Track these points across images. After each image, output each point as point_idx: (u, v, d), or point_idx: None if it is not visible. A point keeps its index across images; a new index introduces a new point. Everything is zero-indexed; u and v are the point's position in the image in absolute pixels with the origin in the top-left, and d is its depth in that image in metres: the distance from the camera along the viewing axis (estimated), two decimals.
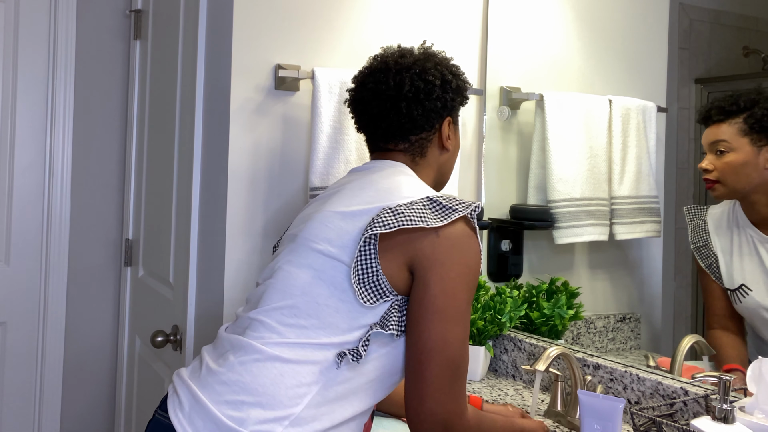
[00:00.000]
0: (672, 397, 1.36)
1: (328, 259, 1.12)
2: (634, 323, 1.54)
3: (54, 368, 2.41)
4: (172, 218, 1.97)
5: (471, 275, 1.11)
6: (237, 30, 1.62)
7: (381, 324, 1.09)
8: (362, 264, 1.09)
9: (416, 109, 1.26)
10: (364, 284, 1.09)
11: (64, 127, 2.42)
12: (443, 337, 1.07)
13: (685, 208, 1.44)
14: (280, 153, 1.67)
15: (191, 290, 1.79)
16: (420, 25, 1.84)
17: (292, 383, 1.06)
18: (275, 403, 1.05)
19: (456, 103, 1.32)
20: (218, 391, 1.08)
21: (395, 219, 1.09)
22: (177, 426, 1.07)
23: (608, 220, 1.63)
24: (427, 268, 1.09)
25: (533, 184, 1.80)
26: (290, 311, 1.11)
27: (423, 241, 1.09)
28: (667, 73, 1.49)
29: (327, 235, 1.14)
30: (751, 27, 1.34)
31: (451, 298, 1.08)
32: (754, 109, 1.32)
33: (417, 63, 1.29)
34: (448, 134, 1.31)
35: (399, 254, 1.10)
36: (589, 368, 1.54)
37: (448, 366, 1.07)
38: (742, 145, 1.33)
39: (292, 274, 1.15)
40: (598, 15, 1.67)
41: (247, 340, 1.11)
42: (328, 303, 1.10)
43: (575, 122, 1.70)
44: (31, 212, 2.38)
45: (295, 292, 1.12)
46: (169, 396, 1.13)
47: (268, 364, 1.07)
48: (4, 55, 2.33)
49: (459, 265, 1.10)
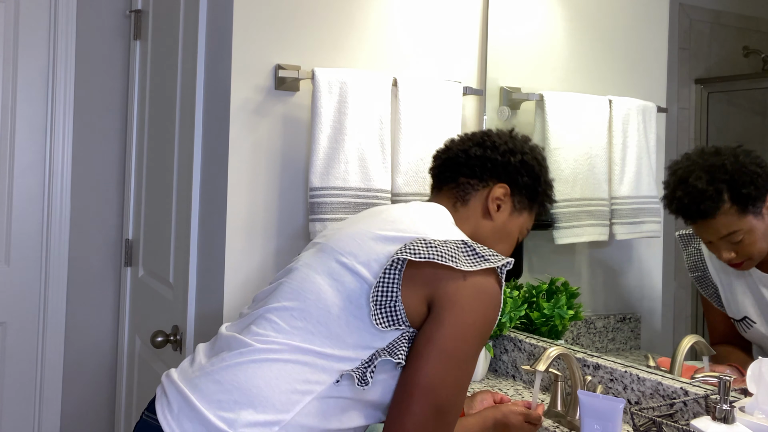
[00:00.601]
0: (672, 397, 1.36)
1: (350, 273, 1.10)
2: (634, 323, 1.54)
3: (54, 368, 2.41)
4: (172, 218, 1.97)
5: (486, 328, 1.09)
6: (237, 30, 1.62)
7: (389, 351, 1.06)
8: (384, 286, 1.07)
9: (477, 150, 1.30)
10: (381, 307, 1.07)
11: (64, 127, 2.42)
12: (442, 378, 1.04)
13: (677, 234, 1.43)
14: (280, 153, 1.67)
15: (191, 290, 1.79)
16: (420, 25, 1.84)
17: (287, 388, 1.04)
18: (268, 406, 1.03)
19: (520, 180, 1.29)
20: (210, 390, 1.06)
21: (427, 251, 1.07)
22: (165, 427, 1.05)
23: (608, 220, 1.63)
24: (446, 307, 1.07)
25: None
26: (300, 313, 1.10)
27: (448, 281, 1.08)
28: (667, 73, 1.49)
29: (355, 250, 1.13)
30: (751, 27, 1.34)
31: (461, 343, 1.06)
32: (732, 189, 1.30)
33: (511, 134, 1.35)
34: (497, 201, 1.28)
35: (421, 287, 1.08)
36: (589, 368, 1.54)
37: (438, 408, 1.04)
38: (748, 223, 1.30)
39: (309, 277, 1.13)
40: (598, 15, 1.67)
41: (246, 339, 1.10)
42: (340, 315, 1.08)
43: (575, 122, 1.70)
44: (31, 212, 2.38)
45: (309, 296, 1.11)
46: (157, 397, 1.12)
47: (265, 366, 1.06)
48: (4, 55, 2.33)
49: (477, 314, 1.07)
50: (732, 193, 1.30)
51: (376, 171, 1.64)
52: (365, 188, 1.62)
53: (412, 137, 1.69)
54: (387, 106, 1.67)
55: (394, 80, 1.70)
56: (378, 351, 1.07)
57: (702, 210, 1.34)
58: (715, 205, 1.32)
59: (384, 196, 1.64)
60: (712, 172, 1.33)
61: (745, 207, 1.30)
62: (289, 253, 1.68)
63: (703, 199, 1.33)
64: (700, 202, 1.33)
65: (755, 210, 1.29)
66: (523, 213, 1.32)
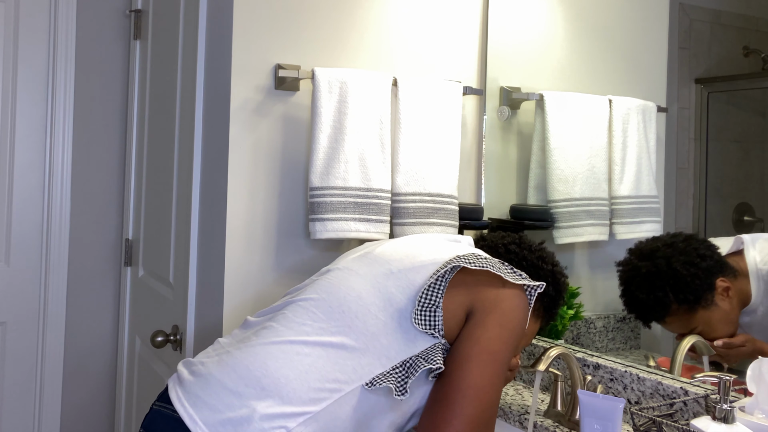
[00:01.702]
0: (672, 397, 1.36)
1: (393, 275, 1.13)
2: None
3: (54, 368, 2.41)
4: (172, 218, 1.97)
5: (519, 334, 1.13)
6: (237, 30, 1.62)
7: (425, 358, 1.07)
8: (430, 289, 1.10)
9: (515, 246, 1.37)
10: (423, 308, 1.09)
11: (64, 127, 2.42)
12: (491, 379, 1.07)
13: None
14: (280, 153, 1.67)
15: (191, 290, 1.79)
16: (420, 24, 1.84)
17: (316, 386, 1.03)
18: (294, 398, 1.02)
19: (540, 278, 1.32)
20: (234, 375, 1.04)
21: (479, 261, 1.12)
22: (183, 414, 1.02)
23: (608, 220, 1.63)
24: (488, 311, 1.10)
25: (533, 184, 1.80)
26: (339, 306, 1.10)
27: (490, 288, 1.12)
28: (667, 73, 1.49)
29: (401, 257, 1.16)
30: (751, 27, 1.34)
31: (504, 345, 1.09)
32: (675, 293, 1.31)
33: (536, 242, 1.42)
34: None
35: (463, 294, 1.12)
36: (589, 368, 1.54)
37: (487, 409, 1.06)
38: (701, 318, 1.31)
39: (350, 277, 1.14)
40: (598, 15, 1.67)
41: (278, 326, 1.09)
42: (378, 315, 1.09)
43: (575, 122, 1.70)
44: (31, 212, 2.38)
45: (351, 293, 1.12)
46: (170, 386, 1.09)
47: (297, 359, 1.04)
48: (4, 54, 2.33)
49: (517, 320, 1.12)
50: (676, 298, 1.33)
51: (376, 171, 1.64)
52: (365, 188, 1.62)
53: (412, 137, 1.69)
54: (387, 106, 1.67)
55: (394, 80, 1.70)
56: (413, 358, 1.07)
57: (653, 317, 1.38)
58: (663, 312, 1.35)
59: (384, 195, 1.64)
60: (650, 279, 1.36)
61: (693, 306, 1.31)
62: (290, 252, 1.68)
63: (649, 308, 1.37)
64: (648, 311, 1.38)
65: (705, 303, 1.30)
66: (537, 322, 1.35)
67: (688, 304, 1.32)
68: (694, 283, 1.30)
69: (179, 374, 1.10)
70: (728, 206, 1.36)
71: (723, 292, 1.28)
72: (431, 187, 1.70)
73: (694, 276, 1.30)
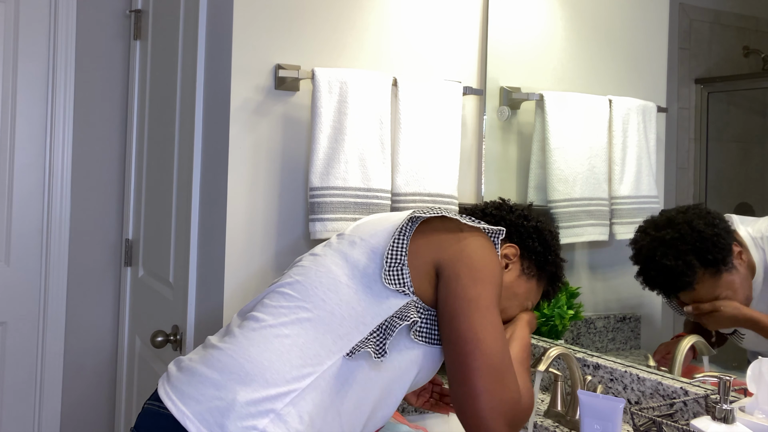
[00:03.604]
0: (672, 397, 1.36)
1: (356, 244, 1.17)
2: (634, 323, 1.54)
3: (54, 368, 2.41)
4: (172, 218, 1.97)
5: (496, 273, 1.14)
6: (237, 30, 1.62)
7: (399, 316, 1.09)
8: (394, 248, 1.13)
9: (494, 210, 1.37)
10: (391, 267, 1.12)
11: (64, 127, 2.42)
12: (483, 325, 1.07)
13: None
14: (280, 153, 1.67)
15: (191, 290, 1.79)
16: (420, 25, 1.84)
17: (298, 362, 1.06)
18: (279, 379, 1.04)
19: (531, 245, 1.32)
20: (220, 364, 1.07)
21: (433, 211, 1.16)
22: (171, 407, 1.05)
23: (608, 220, 1.63)
24: (455, 260, 1.12)
25: (533, 184, 1.80)
26: (311, 283, 1.14)
27: (452, 241, 1.15)
28: (667, 73, 1.49)
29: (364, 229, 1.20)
30: (751, 27, 1.34)
31: (482, 288, 1.10)
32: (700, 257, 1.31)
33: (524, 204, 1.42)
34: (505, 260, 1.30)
35: (426, 248, 1.14)
36: (589, 368, 1.54)
37: (494, 354, 1.06)
38: (725, 282, 1.32)
39: (320, 258, 1.18)
40: (598, 15, 1.67)
41: (258, 314, 1.12)
42: (349, 284, 1.12)
43: (575, 122, 1.70)
44: (31, 212, 2.38)
45: (320, 268, 1.15)
46: (160, 382, 1.12)
47: (276, 341, 1.07)
48: (4, 55, 2.33)
49: (486, 261, 1.13)
50: (701, 261, 1.33)
51: (376, 171, 1.64)
52: (365, 188, 1.62)
53: (412, 137, 1.69)
54: (387, 106, 1.66)
55: (394, 80, 1.70)
56: (388, 319, 1.09)
57: (680, 285, 1.37)
58: (691, 278, 1.35)
59: (384, 196, 1.64)
60: (674, 246, 1.35)
61: (718, 268, 1.32)
62: (289, 252, 1.68)
63: (677, 275, 1.36)
64: (676, 279, 1.37)
65: (728, 266, 1.31)
66: (532, 281, 1.34)
67: (714, 267, 1.32)
68: (719, 243, 1.31)
69: (168, 372, 1.14)
70: (728, 206, 1.36)
71: (738, 256, 1.30)
72: (431, 187, 1.70)
73: (717, 236, 1.31)
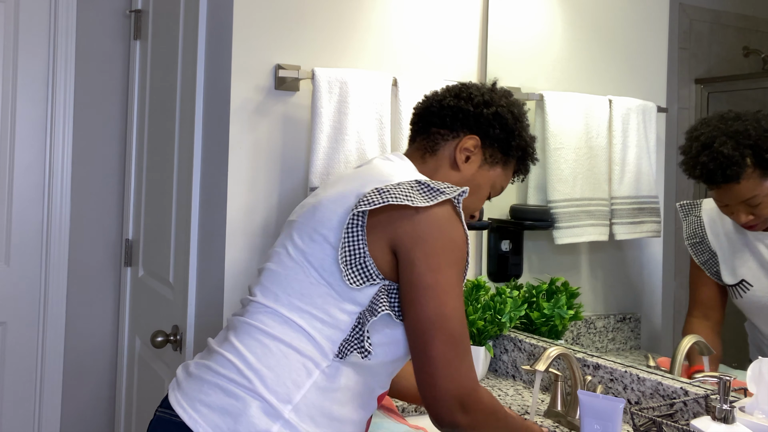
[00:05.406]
0: (672, 397, 1.36)
1: (317, 243, 1.12)
2: (634, 323, 1.54)
3: (54, 368, 2.41)
4: (172, 218, 1.97)
5: (456, 250, 1.09)
6: (237, 30, 1.62)
7: (370, 310, 1.08)
8: (349, 245, 1.09)
9: (450, 100, 1.27)
10: (351, 266, 1.09)
11: (64, 127, 2.42)
12: (439, 312, 1.05)
13: (678, 204, 1.44)
14: (280, 153, 1.67)
15: (191, 290, 1.79)
16: (420, 25, 1.84)
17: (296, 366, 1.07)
18: (279, 383, 1.06)
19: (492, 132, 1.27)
20: (221, 370, 1.08)
21: (380, 197, 1.08)
22: (182, 414, 1.06)
23: (608, 220, 1.63)
24: (410, 246, 1.08)
25: (533, 184, 1.80)
26: (284, 291, 1.12)
27: (404, 221, 1.09)
28: (667, 73, 1.49)
29: (319, 218, 1.14)
30: (751, 27, 1.34)
31: (438, 273, 1.07)
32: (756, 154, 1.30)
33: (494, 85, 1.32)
34: (466, 152, 1.26)
35: (382, 235, 1.09)
36: (589, 368, 1.54)
37: (452, 341, 1.05)
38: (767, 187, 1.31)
39: (284, 258, 1.16)
40: (598, 15, 1.67)
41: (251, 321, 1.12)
42: (320, 288, 1.10)
43: (575, 122, 1.70)
44: (31, 212, 2.38)
45: (290, 274, 1.13)
46: (170, 389, 1.13)
47: (273, 345, 1.08)
48: (4, 55, 2.33)
49: (442, 240, 1.08)
50: (756, 159, 1.31)
51: None
52: None
53: None
54: (387, 106, 1.66)
55: (394, 80, 1.70)
56: (360, 314, 1.09)
57: (727, 175, 1.34)
58: (740, 170, 1.32)
59: None
60: (736, 137, 1.33)
61: (765, 172, 1.30)
62: None
63: (729, 164, 1.33)
64: (726, 168, 1.33)
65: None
66: (496, 168, 1.29)
67: (764, 169, 1.31)
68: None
69: (177, 378, 1.15)
70: None
71: None
72: None
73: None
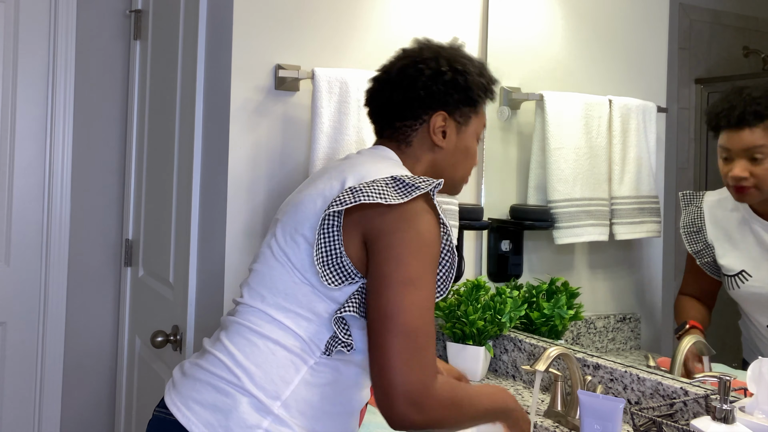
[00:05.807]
0: (672, 397, 1.36)
1: (298, 243, 1.13)
2: (634, 323, 1.54)
3: (54, 368, 2.41)
4: (172, 218, 1.97)
5: (423, 243, 1.07)
6: (237, 30, 1.62)
7: (346, 307, 1.09)
8: (325, 245, 1.09)
9: (397, 94, 1.25)
10: (328, 266, 1.08)
11: (64, 127, 2.42)
12: (396, 303, 1.03)
13: (681, 193, 1.44)
14: (280, 153, 1.67)
15: (191, 290, 1.79)
16: (420, 25, 1.84)
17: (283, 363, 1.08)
18: (267, 381, 1.07)
19: (451, 99, 1.25)
20: (213, 369, 1.11)
21: (353, 196, 1.07)
22: (177, 414, 1.09)
23: (608, 220, 1.63)
24: (375, 239, 1.07)
25: (533, 184, 1.80)
26: (269, 291, 1.13)
27: (376, 218, 1.08)
28: (667, 73, 1.49)
29: (300, 218, 1.14)
30: (751, 27, 1.34)
31: (400, 264, 1.05)
32: None
33: (421, 51, 1.27)
34: (440, 130, 1.24)
35: (356, 233, 1.09)
36: (589, 368, 1.54)
37: (406, 333, 1.02)
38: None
39: (269, 258, 1.16)
40: (598, 15, 1.67)
41: (240, 321, 1.14)
42: (302, 285, 1.11)
43: (575, 122, 1.70)
44: (31, 212, 2.38)
45: (274, 274, 1.14)
46: (166, 389, 1.16)
47: (260, 343, 1.10)
48: (4, 55, 2.33)
49: (408, 232, 1.06)
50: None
51: None
52: None
53: None
54: None
55: None
56: (339, 311, 1.10)
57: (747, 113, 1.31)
58: (761, 113, 1.30)
59: None
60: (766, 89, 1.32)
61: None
62: None
63: (755, 105, 1.31)
64: (751, 106, 1.31)
65: None
66: (470, 121, 1.28)
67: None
68: None
69: (173, 378, 1.17)
70: None
71: None
72: None
73: None
